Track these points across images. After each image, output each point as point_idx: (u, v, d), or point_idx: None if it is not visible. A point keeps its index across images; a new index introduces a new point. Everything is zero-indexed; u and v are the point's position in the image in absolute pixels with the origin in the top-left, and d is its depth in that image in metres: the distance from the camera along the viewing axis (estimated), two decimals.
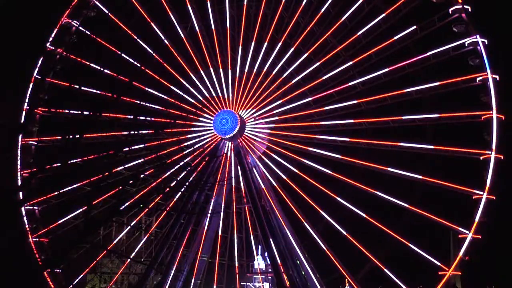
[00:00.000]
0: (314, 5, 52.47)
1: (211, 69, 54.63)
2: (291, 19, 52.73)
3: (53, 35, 52.20)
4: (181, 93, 54.19)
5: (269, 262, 51.65)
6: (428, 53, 48.26)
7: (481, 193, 45.36)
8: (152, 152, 49.53)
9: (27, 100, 46.14)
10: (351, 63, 51.12)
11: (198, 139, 53.85)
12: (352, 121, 51.45)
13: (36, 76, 47.44)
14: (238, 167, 53.20)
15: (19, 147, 51.74)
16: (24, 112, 47.09)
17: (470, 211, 45.72)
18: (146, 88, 53.14)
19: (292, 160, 52.67)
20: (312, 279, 51.07)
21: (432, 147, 48.54)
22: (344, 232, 49.51)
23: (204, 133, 54.21)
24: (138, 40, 53.96)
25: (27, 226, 51.43)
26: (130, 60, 52.48)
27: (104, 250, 49.77)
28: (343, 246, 49.94)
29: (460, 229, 45.83)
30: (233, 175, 53.82)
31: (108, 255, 53.15)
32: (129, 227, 54.40)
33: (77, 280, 50.68)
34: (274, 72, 53.38)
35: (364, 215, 49.14)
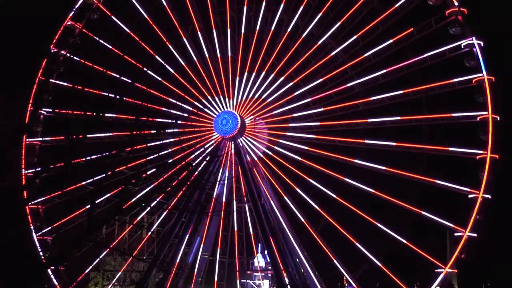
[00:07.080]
0: (313, 7, 53.16)
1: (212, 71, 55.35)
2: (290, 21, 53.42)
3: (57, 37, 52.92)
4: (182, 94, 54.94)
5: (268, 260, 52.41)
6: (425, 55, 49.02)
7: (477, 192, 46.14)
8: (154, 152, 50.33)
9: (31, 101, 46.73)
10: (349, 64, 51.82)
11: (199, 139, 54.52)
12: (350, 121, 52.18)
13: (40, 78, 48.04)
14: (239, 166, 53.92)
15: (24, 147, 52.62)
16: (28, 113, 47.73)
17: (466, 210, 46.49)
18: (148, 89, 53.71)
19: (291, 160, 53.38)
20: (311, 276, 51.78)
21: (429, 147, 49.29)
22: (343, 231, 50.14)
23: (205, 133, 55.00)
24: (140, 41, 54.61)
25: (31, 225, 52.30)
26: (132, 61, 53.09)
27: (107, 248, 50.37)
28: (342, 245, 50.65)
29: (457, 227, 46.63)
30: (233, 175, 54.53)
31: (111, 253, 53.68)
32: (131, 225, 55.04)
33: (80, 277, 51.43)
34: (273, 74, 54.09)
35: (362, 213, 49.80)
